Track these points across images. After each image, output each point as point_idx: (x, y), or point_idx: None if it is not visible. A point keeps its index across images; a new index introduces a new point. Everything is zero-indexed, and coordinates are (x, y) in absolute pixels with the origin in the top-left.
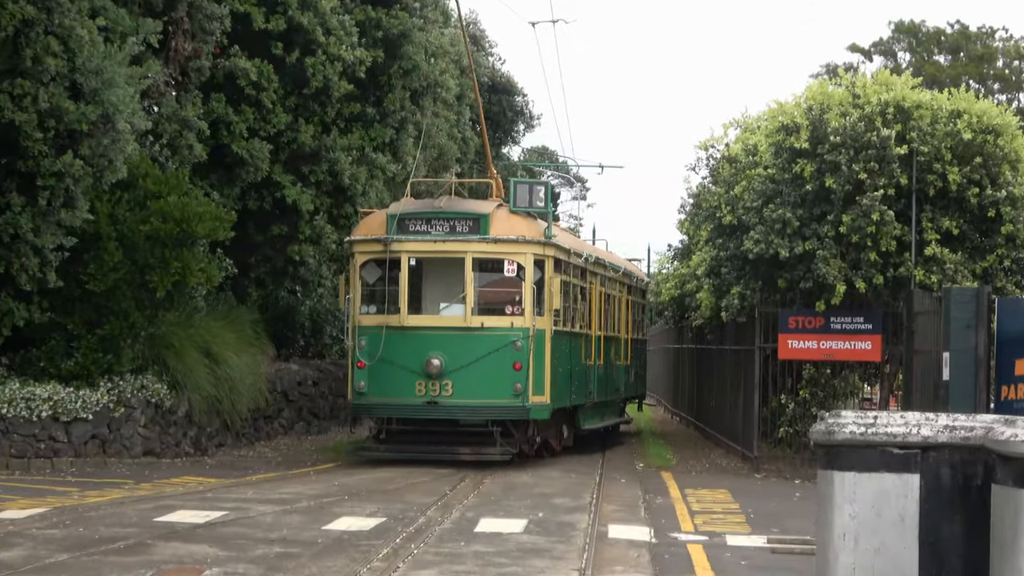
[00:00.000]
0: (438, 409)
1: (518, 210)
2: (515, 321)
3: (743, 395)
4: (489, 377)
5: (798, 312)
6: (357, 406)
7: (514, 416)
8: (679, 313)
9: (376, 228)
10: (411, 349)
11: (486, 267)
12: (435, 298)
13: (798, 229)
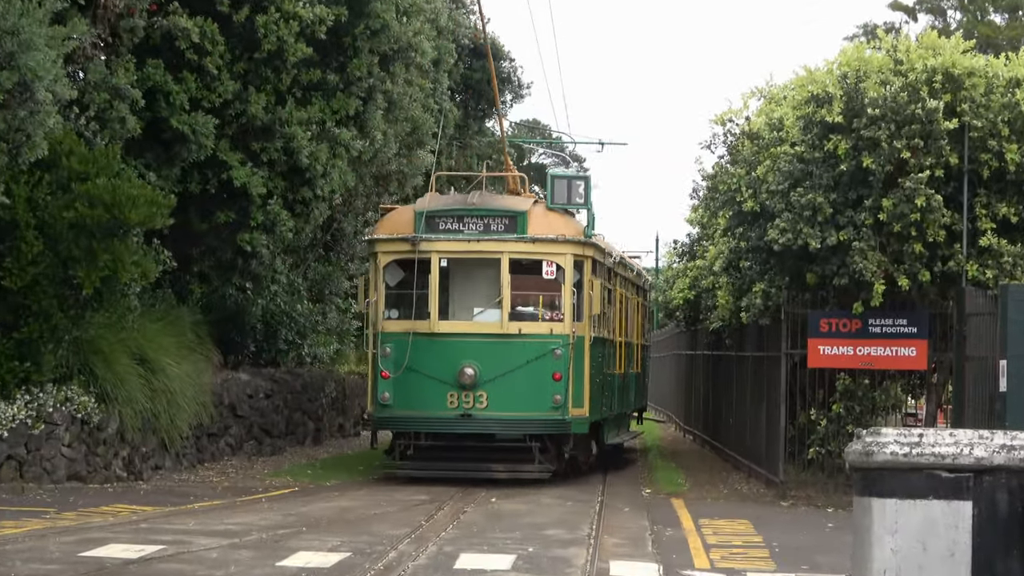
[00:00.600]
0: (472, 423)
1: (556, 207)
2: (554, 327)
3: (766, 410)
4: (527, 388)
5: (831, 313)
6: (380, 420)
7: (554, 430)
8: (692, 315)
9: (402, 226)
10: (442, 358)
11: (522, 269)
12: (466, 302)
13: (831, 216)
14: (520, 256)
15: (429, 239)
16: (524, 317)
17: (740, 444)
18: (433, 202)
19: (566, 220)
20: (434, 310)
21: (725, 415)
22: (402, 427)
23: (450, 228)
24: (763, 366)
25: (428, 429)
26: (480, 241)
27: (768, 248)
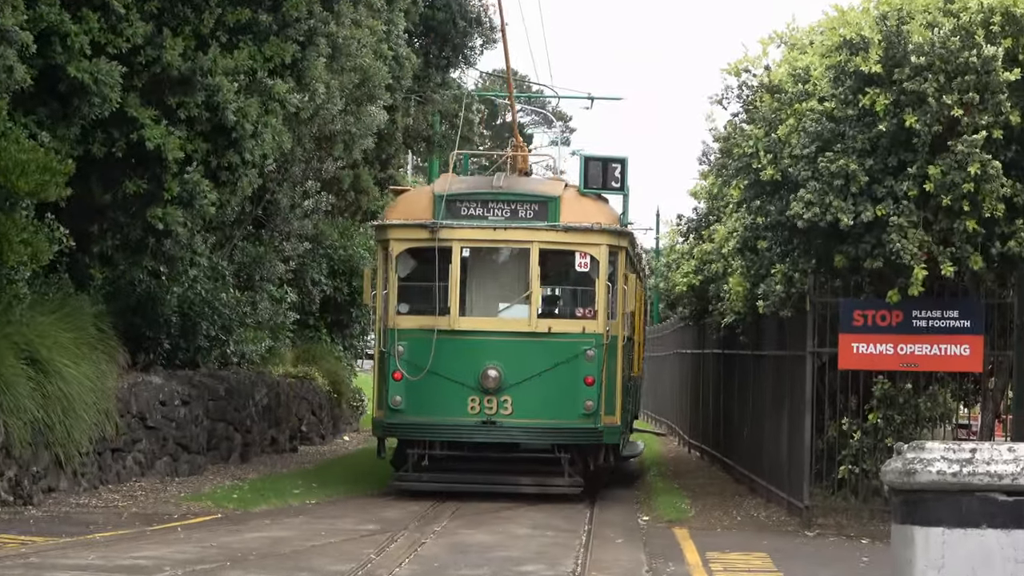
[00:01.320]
0: (496, 431)
1: (588, 192)
2: (587, 326)
3: (788, 420)
4: (556, 393)
5: (867, 303)
6: (391, 426)
7: (586, 440)
8: (699, 306)
9: (418, 210)
10: (463, 358)
11: (553, 261)
12: (488, 297)
13: (866, 186)
14: (552, 246)
15: (450, 226)
16: (555, 314)
17: (756, 461)
18: (454, 184)
19: (600, 207)
20: (455, 305)
21: (738, 426)
22: (415, 434)
23: (473, 214)
24: (784, 367)
25: (446, 437)
26: (507, 229)
27: (791, 225)
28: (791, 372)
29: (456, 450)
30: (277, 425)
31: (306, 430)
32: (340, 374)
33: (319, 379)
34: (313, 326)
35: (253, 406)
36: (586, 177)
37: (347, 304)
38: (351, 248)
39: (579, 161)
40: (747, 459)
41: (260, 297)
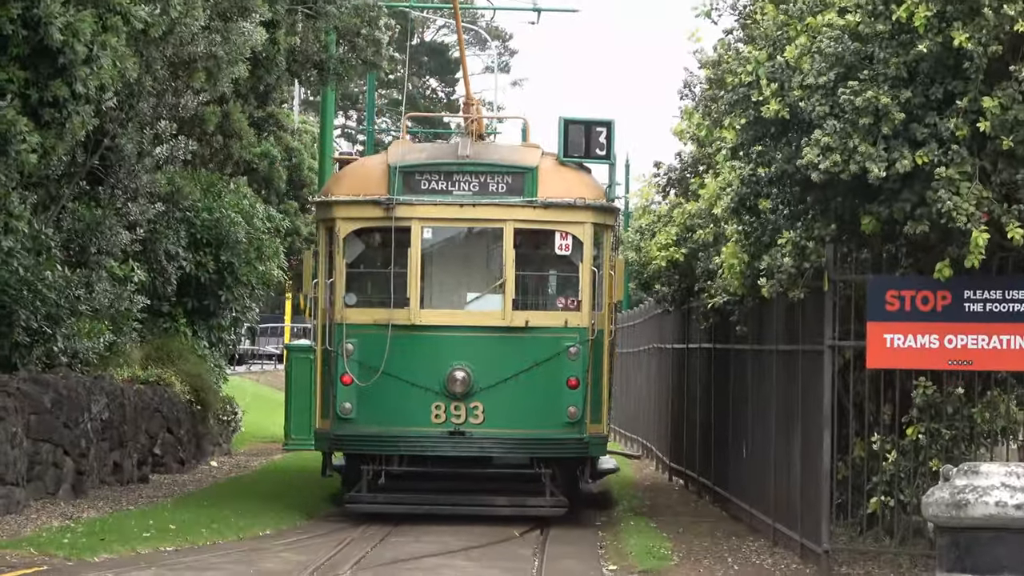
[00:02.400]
0: (465, 443)
1: (569, 161)
2: (570, 318)
3: (801, 437)
4: (535, 398)
5: (904, 281)
6: (339, 439)
7: (570, 453)
8: (683, 286)
9: (369, 184)
10: (425, 357)
11: (530, 242)
12: (454, 285)
13: (903, 126)
14: (528, 225)
15: (409, 202)
16: (532, 305)
17: (759, 492)
18: (410, 153)
19: (583, 178)
20: (415, 295)
21: (734, 446)
22: (369, 448)
23: (435, 188)
24: (795, 367)
25: (406, 451)
26: (476, 206)
27: (803, 177)
28: (804, 373)
29: (418, 466)
30: (121, 446)
31: (160, 453)
32: (205, 379)
33: (177, 385)
34: (168, 315)
35: (89, 421)
36: (566, 143)
37: (214, 285)
38: (219, 210)
39: (558, 125)
40: (746, 488)
41: (97, 276)
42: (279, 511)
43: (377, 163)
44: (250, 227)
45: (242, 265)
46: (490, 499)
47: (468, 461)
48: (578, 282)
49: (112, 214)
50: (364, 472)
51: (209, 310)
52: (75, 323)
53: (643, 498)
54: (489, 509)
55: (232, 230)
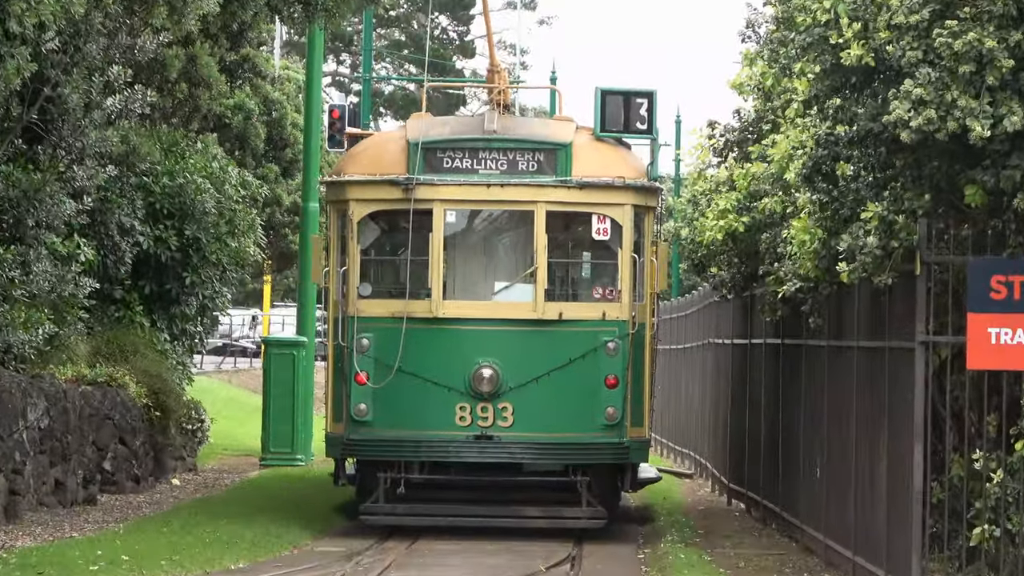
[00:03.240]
0: (492, 448)
1: (606, 136)
2: (608, 310)
3: (887, 452)
4: (569, 398)
5: (1013, 265)
6: (354, 443)
7: (607, 458)
8: (745, 269)
9: (386, 162)
10: (448, 354)
11: (564, 226)
12: (480, 274)
13: (1011, 76)
14: (562, 208)
15: (431, 182)
16: (566, 296)
17: (837, 518)
18: (433, 128)
19: (622, 155)
20: (437, 285)
21: (806, 461)
22: (387, 454)
23: (460, 167)
24: (881, 367)
25: (427, 457)
26: (505, 187)
27: (891, 137)
28: (892, 375)
29: (441, 473)
30: (64, 461)
31: (111, 469)
32: (166, 379)
33: (132, 387)
34: (122, 301)
35: (25, 430)
36: (603, 117)
37: (177, 265)
38: (183, 174)
39: (594, 96)
40: (821, 514)
41: (36, 254)
42: (255, 539)
43: (395, 139)
44: (221, 195)
45: (211, 241)
46: (521, 510)
47: (496, 468)
48: (617, 270)
49: (54, 179)
50: (381, 480)
51: (171, 296)
52: (8, 311)
53: (696, 526)
54: (520, 521)
55: (199, 199)
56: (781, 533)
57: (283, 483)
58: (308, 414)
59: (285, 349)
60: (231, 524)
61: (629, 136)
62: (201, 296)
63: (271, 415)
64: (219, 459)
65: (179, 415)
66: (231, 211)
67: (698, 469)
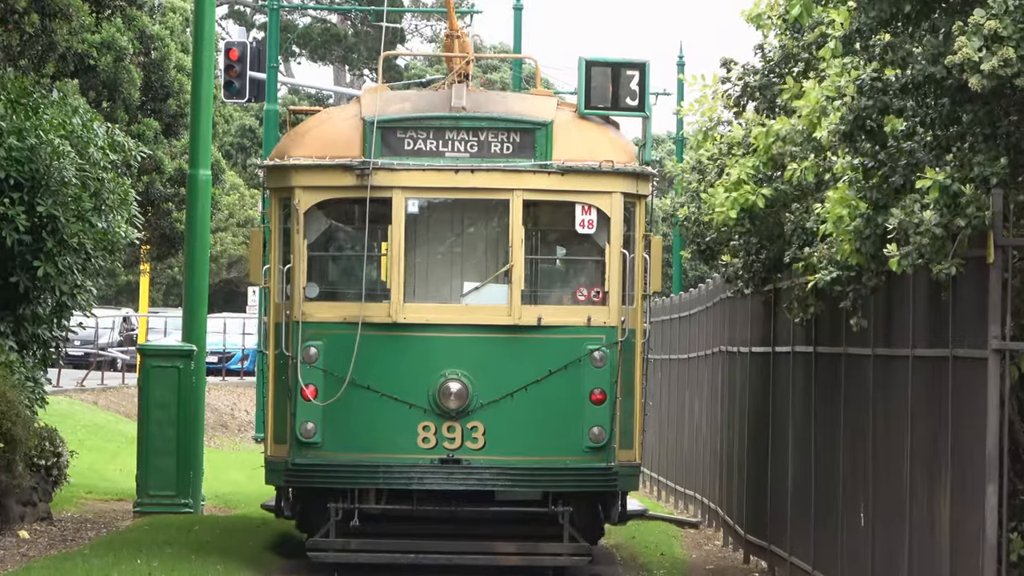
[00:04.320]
0: (460, 474)
1: (592, 114)
2: (594, 315)
3: (950, 491)
4: (549, 416)
5: None
6: (300, 470)
7: (592, 486)
8: (765, 256)
9: (337, 143)
10: (410, 365)
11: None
12: (447, 273)
13: None
14: (541, 196)
15: (390, 167)
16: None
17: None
18: (391, 104)
19: (610, 136)
20: (397, 286)
21: (848, 506)
22: (339, 482)
23: (423, 149)
24: (942, 382)
25: (386, 484)
26: (475, 172)
27: (957, 84)
28: (957, 392)
29: (402, 503)
30: None
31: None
32: (11, 401)
33: None
34: None
35: None
36: (588, 92)
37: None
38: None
39: (578, 68)
40: (866, 574)
41: None
42: None
43: (347, 116)
44: (84, 160)
45: (71, 220)
46: (493, 545)
47: (465, 497)
48: (604, 268)
49: None
50: (332, 511)
51: (17, 291)
52: None
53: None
54: (491, 558)
55: (55, 165)
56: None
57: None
58: (198, 446)
59: (168, 361)
60: None
61: (618, 113)
62: (58, 291)
63: (148, 447)
64: (81, 504)
65: (28, 447)
66: (97, 181)
67: (706, 516)
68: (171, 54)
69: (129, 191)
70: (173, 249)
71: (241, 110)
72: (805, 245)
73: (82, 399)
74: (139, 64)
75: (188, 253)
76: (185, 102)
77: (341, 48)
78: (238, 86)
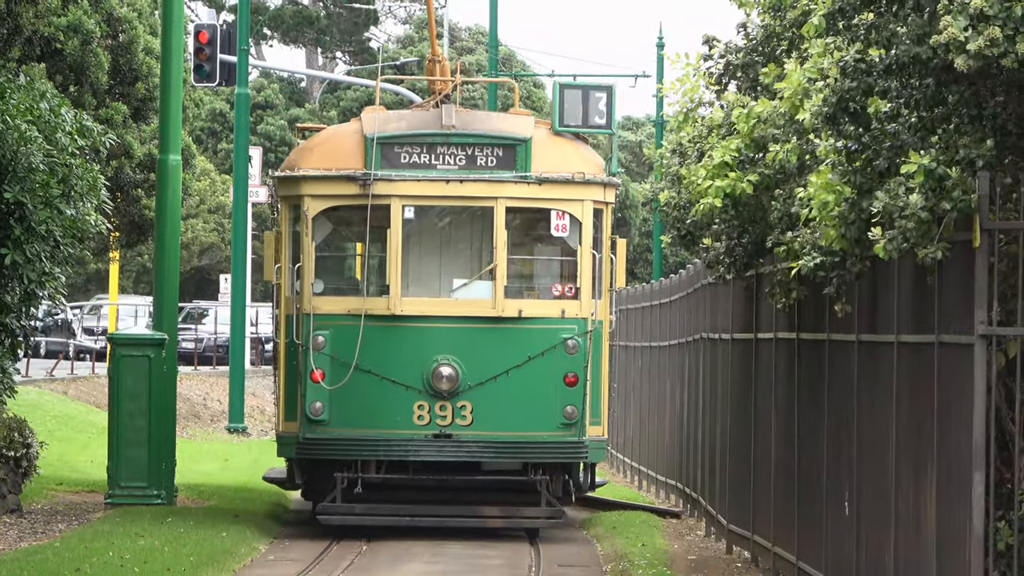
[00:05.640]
0: (451, 447)
1: (564, 130)
2: (567, 308)
3: (936, 481)
4: (528, 396)
5: None
6: (309, 443)
7: (566, 457)
8: (748, 240)
9: (341, 156)
10: (407, 352)
11: (523, 222)
12: (437, 271)
13: None
14: (521, 204)
15: (388, 178)
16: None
17: (872, 570)
18: (389, 123)
19: (580, 151)
20: (395, 282)
21: (831, 495)
22: (344, 454)
23: (417, 162)
24: (928, 369)
25: (387, 456)
26: (463, 182)
27: (942, 64)
28: (943, 379)
29: (399, 472)
30: None
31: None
32: None
33: None
34: None
35: None
36: (562, 112)
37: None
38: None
39: (553, 91)
40: (851, 565)
41: None
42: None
43: (350, 133)
44: (52, 146)
45: (39, 207)
46: (479, 509)
47: (455, 467)
48: (576, 267)
49: None
50: (338, 480)
51: None
52: None
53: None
54: (479, 521)
55: (22, 151)
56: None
57: (137, 528)
58: (169, 436)
59: (139, 350)
60: None
61: (587, 131)
62: (26, 279)
63: (120, 438)
64: (52, 496)
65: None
66: (65, 167)
67: (688, 505)
68: (139, 37)
69: (98, 177)
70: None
71: (212, 94)
72: (788, 230)
73: (52, 389)
74: (107, 47)
75: (158, 240)
76: (154, 86)
77: (313, 30)
78: (208, 69)
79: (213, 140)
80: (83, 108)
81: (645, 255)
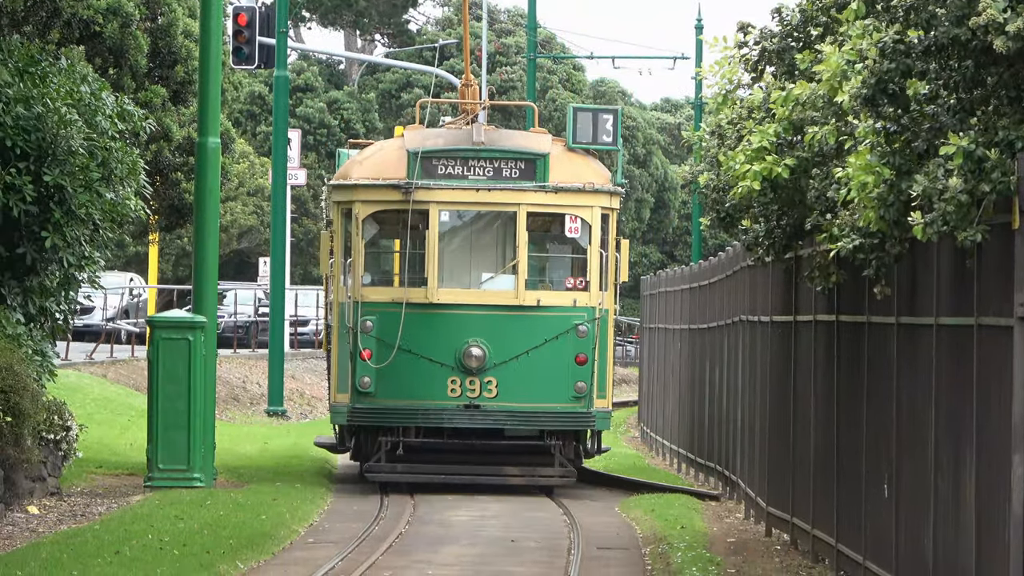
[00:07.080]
0: (479, 416)
1: (577, 147)
2: (578, 298)
3: (975, 464)
4: (544, 373)
5: None
6: (358, 412)
7: (577, 425)
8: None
9: (387, 167)
10: (442, 335)
11: (541, 225)
12: (468, 266)
13: None
14: (540, 209)
15: (427, 186)
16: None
17: (912, 552)
18: (428, 139)
19: (590, 164)
20: (433, 275)
21: (871, 478)
22: (388, 421)
23: (452, 173)
24: (967, 351)
25: (424, 423)
26: (491, 191)
27: (982, 46)
28: (983, 361)
29: (435, 437)
30: None
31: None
32: (18, 374)
33: None
34: None
35: None
36: (575, 130)
37: (33, 222)
38: (41, 101)
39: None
40: (890, 547)
41: None
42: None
43: (394, 147)
44: (92, 129)
45: (79, 190)
46: (502, 469)
47: (482, 433)
48: (586, 263)
49: None
50: (383, 444)
51: (25, 262)
52: None
53: (725, 565)
54: (501, 479)
55: (63, 134)
56: (837, 573)
57: (176, 511)
58: (209, 419)
59: (178, 333)
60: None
61: (597, 147)
62: (66, 263)
63: (159, 421)
64: (91, 479)
65: (37, 421)
66: (105, 150)
67: (727, 488)
68: (178, 19)
69: (138, 161)
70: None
71: (250, 77)
72: (827, 212)
73: (91, 372)
74: (146, 30)
75: (198, 223)
76: (193, 69)
77: (352, 13)
78: (247, 52)
79: (252, 123)
80: (122, 91)
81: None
